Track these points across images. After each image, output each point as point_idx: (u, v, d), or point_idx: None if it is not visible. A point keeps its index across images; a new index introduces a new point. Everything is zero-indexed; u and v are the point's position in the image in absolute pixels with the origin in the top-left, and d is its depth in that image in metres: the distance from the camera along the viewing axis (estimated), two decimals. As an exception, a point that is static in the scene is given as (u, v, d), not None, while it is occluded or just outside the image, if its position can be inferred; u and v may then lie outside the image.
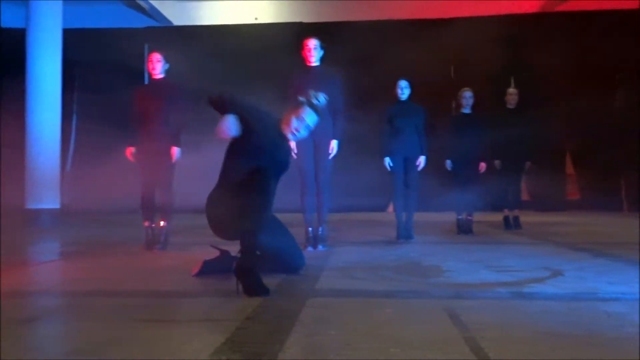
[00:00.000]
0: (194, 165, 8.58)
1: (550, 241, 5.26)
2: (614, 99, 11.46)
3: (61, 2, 8.33)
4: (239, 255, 2.97)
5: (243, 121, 3.08)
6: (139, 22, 12.20)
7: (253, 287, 2.67)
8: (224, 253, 3.34)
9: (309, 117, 3.27)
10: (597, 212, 10.42)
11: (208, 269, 3.27)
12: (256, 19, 12.33)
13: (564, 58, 11.26)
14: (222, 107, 3.23)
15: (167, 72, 4.90)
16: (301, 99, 3.34)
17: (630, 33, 10.18)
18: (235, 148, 3.15)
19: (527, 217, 7.88)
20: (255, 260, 2.80)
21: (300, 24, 11.96)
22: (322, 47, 4.77)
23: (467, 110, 6.09)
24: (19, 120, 8.27)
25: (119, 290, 2.90)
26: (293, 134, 3.28)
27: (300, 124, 3.25)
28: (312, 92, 3.37)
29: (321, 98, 3.36)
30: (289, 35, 11.80)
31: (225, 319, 2.20)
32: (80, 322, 2.17)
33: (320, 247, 4.60)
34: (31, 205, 7.84)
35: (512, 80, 11.11)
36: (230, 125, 3.02)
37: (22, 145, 8.04)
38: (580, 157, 11.33)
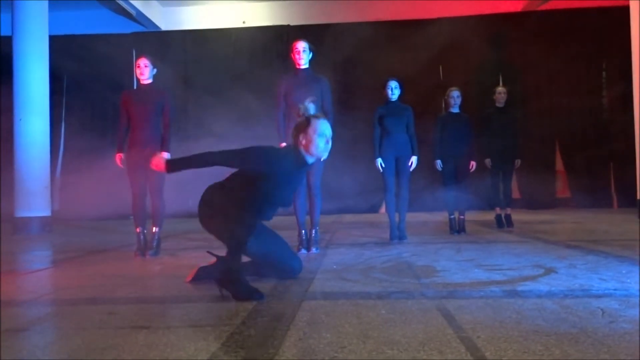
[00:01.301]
0: (184, 171, 8.55)
1: (542, 239, 5.29)
2: (602, 95, 11.56)
3: (47, 8, 8.28)
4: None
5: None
6: (126, 27, 12.15)
7: (243, 293, 2.66)
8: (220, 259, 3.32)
9: (327, 129, 3.11)
10: (587, 209, 10.50)
11: (203, 275, 3.24)
12: (244, 22, 12.32)
13: (550, 55, 11.36)
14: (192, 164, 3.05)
15: (155, 77, 4.87)
16: (306, 114, 3.13)
17: (615, 29, 10.27)
18: (253, 180, 3.01)
19: (518, 215, 7.92)
20: (239, 266, 2.81)
21: (287, 26, 11.98)
22: (311, 50, 4.76)
23: (455, 109, 6.10)
24: (7, 128, 8.22)
25: (111, 297, 2.88)
26: (322, 151, 3.11)
27: (323, 139, 3.08)
28: (301, 106, 3.17)
29: (311, 106, 3.18)
30: (277, 38, 11.88)
31: (220, 324, 2.19)
32: (73, 330, 2.15)
33: (313, 250, 4.60)
34: (21, 213, 7.78)
35: (500, 79, 11.21)
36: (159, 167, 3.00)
37: (10, 153, 7.99)
38: (569, 154, 11.41)
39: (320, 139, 3.06)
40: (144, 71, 4.76)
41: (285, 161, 3.05)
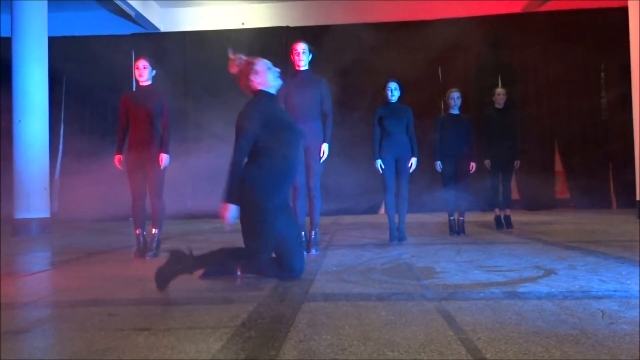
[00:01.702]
0: (183, 172, 8.55)
1: (541, 240, 5.29)
2: (601, 96, 11.57)
3: (46, 9, 8.27)
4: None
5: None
6: (125, 28, 12.14)
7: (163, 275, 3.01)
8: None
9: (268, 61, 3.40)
10: (586, 209, 10.51)
11: (213, 271, 3.35)
12: (243, 23, 12.32)
13: (549, 57, 11.38)
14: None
15: (154, 78, 4.87)
16: (241, 60, 3.42)
17: (613, 30, 10.29)
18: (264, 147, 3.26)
19: (517, 216, 7.93)
20: (189, 266, 3.09)
21: (286, 27, 11.98)
22: (310, 51, 4.76)
23: (455, 110, 6.10)
24: (6, 129, 8.21)
25: (111, 298, 2.87)
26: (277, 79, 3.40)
27: (274, 70, 3.38)
28: (234, 57, 3.44)
29: (237, 55, 3.44)
30: (276, 39, 11.88)
31: (220, 325, 2.19)
32: (73, 332, 2.15)
33: (313, 251, 4.60)
34: (20, 215, 7.77)
35: (499, 80, 11.22)
36: (233, 215, 3.13)
37: (10, 154, 7.98)
38: (569, 155, 11.42)
39: (272, 71, 3.37)
40: (143, 73, 4.76)
41: (261, 105, 3.28)
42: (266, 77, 3.36)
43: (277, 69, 3.43)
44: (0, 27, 10.41)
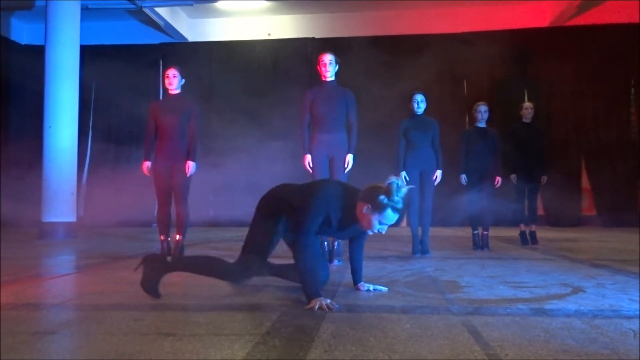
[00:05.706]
0: (206, 180, 8.61)
1: (567, 257, 5.20)
2: (630, 112, 11.37)
3: (79, 19, 8.46)
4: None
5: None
6: (154, 38, 12.36)
7: (147, 283, 3.00)
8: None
9: (389, 219, 2.81)
10: (612, 227, 10.30)
11: None
12: (269, 34, 12.44)
13: (576, 71, 11.23)
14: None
15: (182, 87, 4.95)
16: (392, 193, 2.76)
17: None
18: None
19: (542, 232, 7.81)
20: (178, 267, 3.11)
21: (312, 39, 12.06)
22: (337, 62, 4.79)
23: (482, 124, 6.06)
24: (36, 134, 8.40)
25: (136, 303, 2.90)
26: (372, 231, 2.88)
27: (382, 226, 2.83)
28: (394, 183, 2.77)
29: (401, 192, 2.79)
30: (301, 50, 11.97)
31: (245, 333, 2.19)
32: (97, 335, 2.17)
33: (335, 262, 4.59)
34: (47, 218, 7.91)
35: (526, 94, 11.11)
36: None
37: (39, 159, 8.14)
38: (596, 171, 11.22)
39: (381, 227, 2.83)
40: (173, 81, 4.83)
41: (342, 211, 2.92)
42: (368, 224, 2.84)
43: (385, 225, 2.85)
44: (34, 36, 10.67)
